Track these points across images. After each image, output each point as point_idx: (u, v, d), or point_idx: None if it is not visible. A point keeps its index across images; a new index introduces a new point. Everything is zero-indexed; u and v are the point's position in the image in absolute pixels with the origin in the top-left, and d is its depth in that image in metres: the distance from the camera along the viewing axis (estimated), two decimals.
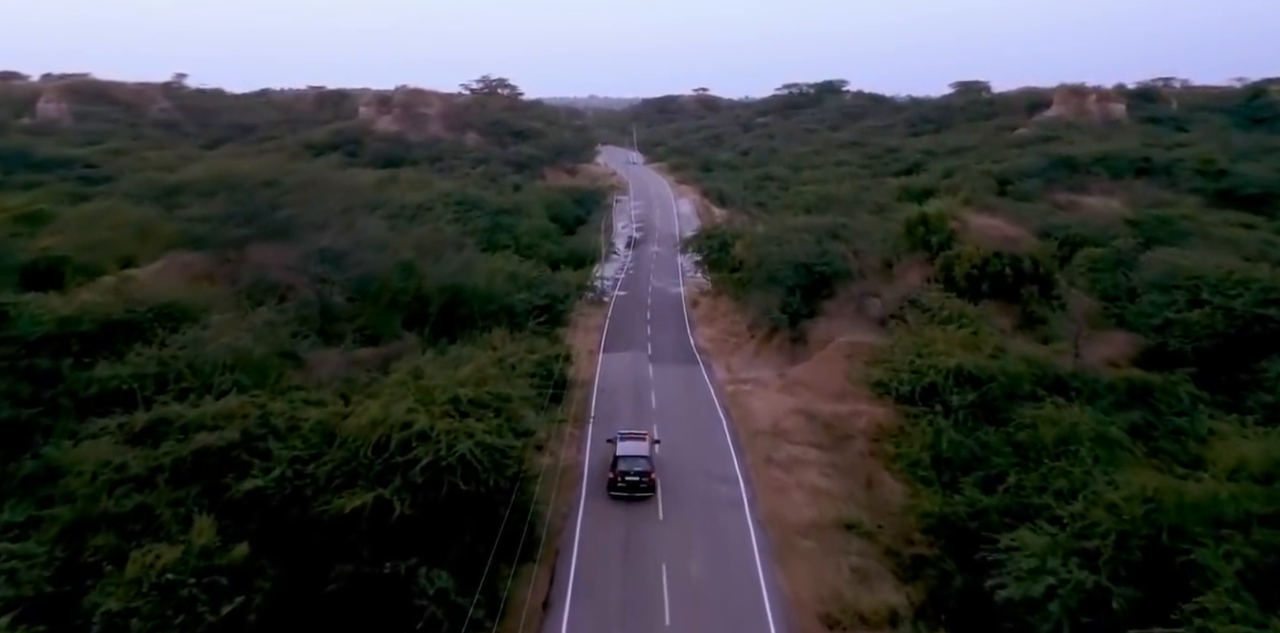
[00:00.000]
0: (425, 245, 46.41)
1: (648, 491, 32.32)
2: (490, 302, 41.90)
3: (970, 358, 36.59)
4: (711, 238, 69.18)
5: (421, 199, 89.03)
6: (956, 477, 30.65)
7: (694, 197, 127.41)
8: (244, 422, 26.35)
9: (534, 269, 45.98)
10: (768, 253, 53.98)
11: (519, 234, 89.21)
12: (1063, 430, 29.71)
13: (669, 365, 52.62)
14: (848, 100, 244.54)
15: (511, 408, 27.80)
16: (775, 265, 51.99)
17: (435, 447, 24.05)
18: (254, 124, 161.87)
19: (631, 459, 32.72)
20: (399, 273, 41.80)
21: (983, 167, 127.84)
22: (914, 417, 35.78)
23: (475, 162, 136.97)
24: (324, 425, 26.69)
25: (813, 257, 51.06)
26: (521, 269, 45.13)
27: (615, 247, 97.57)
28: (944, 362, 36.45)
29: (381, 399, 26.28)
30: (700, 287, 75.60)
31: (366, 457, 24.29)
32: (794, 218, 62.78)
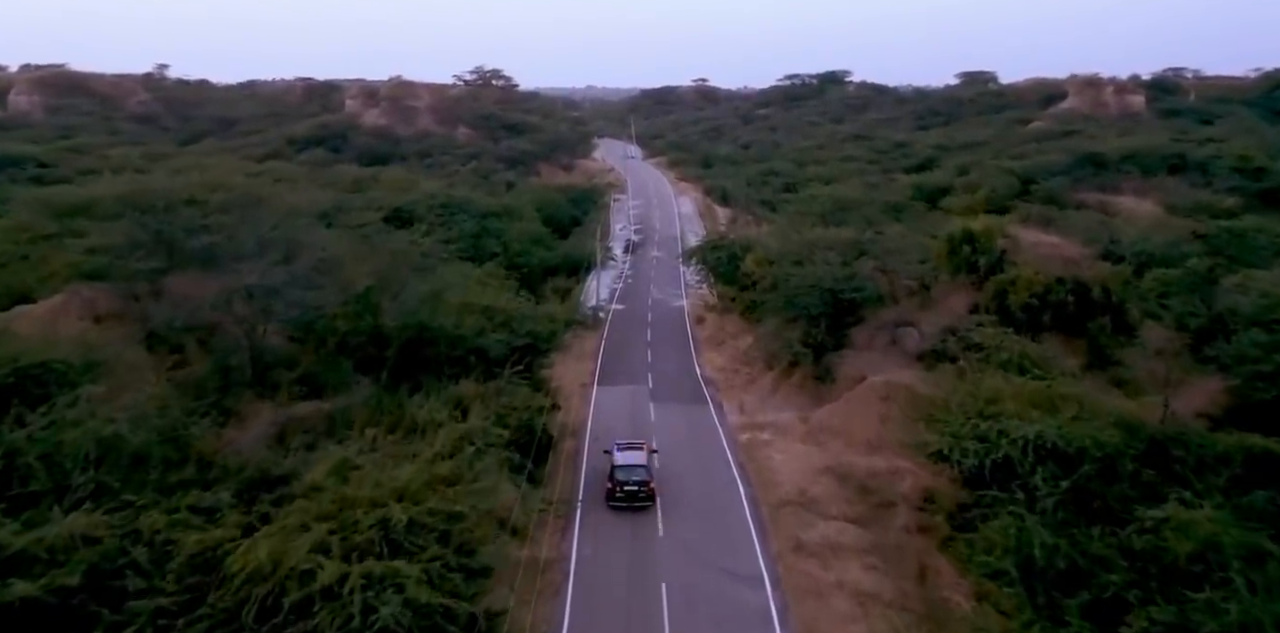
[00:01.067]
0: (388, 270, 38.82)
1: (646, 500, 31.88)
2: (459, 344, 34.30)
3: (1050, 422, 29.02)
4: (718, 249, 61.52)
5: (402, 202, 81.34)
6: (1053, 597, 23.19)
7: (695, 195, 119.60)
8: (94, 552, 18.83)
9: (513, 301, 37.79)
10: (785, 274, 46.30)
11: (508, 240, 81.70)
12: (1198, 543, 22.27)
13: (673, 405, 45.05)
14: (850, 91, 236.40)
15: (464, 531, 20.25)
16: (795, 290, 44.32)
17: (345, 611, 16.55)
18: (236, 118, 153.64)
19: (629, 469, 32.22)
20: (351, 308, 34.25)
21: (999, 162, 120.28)
22: (985, 502, 28.21)
23: (466, 157, 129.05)
24: (208, 556, 19.18)
25: (840, 280, 43.37)
26: (500, 303, 37.07)
27: (613, 251, 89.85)
28: (1017, 428, 28.87)
29: (276, 529, 18.71)
30: (705, 300, 68.02)
31: (251, 626, 16.77)
32: (811, 229, 54.98)
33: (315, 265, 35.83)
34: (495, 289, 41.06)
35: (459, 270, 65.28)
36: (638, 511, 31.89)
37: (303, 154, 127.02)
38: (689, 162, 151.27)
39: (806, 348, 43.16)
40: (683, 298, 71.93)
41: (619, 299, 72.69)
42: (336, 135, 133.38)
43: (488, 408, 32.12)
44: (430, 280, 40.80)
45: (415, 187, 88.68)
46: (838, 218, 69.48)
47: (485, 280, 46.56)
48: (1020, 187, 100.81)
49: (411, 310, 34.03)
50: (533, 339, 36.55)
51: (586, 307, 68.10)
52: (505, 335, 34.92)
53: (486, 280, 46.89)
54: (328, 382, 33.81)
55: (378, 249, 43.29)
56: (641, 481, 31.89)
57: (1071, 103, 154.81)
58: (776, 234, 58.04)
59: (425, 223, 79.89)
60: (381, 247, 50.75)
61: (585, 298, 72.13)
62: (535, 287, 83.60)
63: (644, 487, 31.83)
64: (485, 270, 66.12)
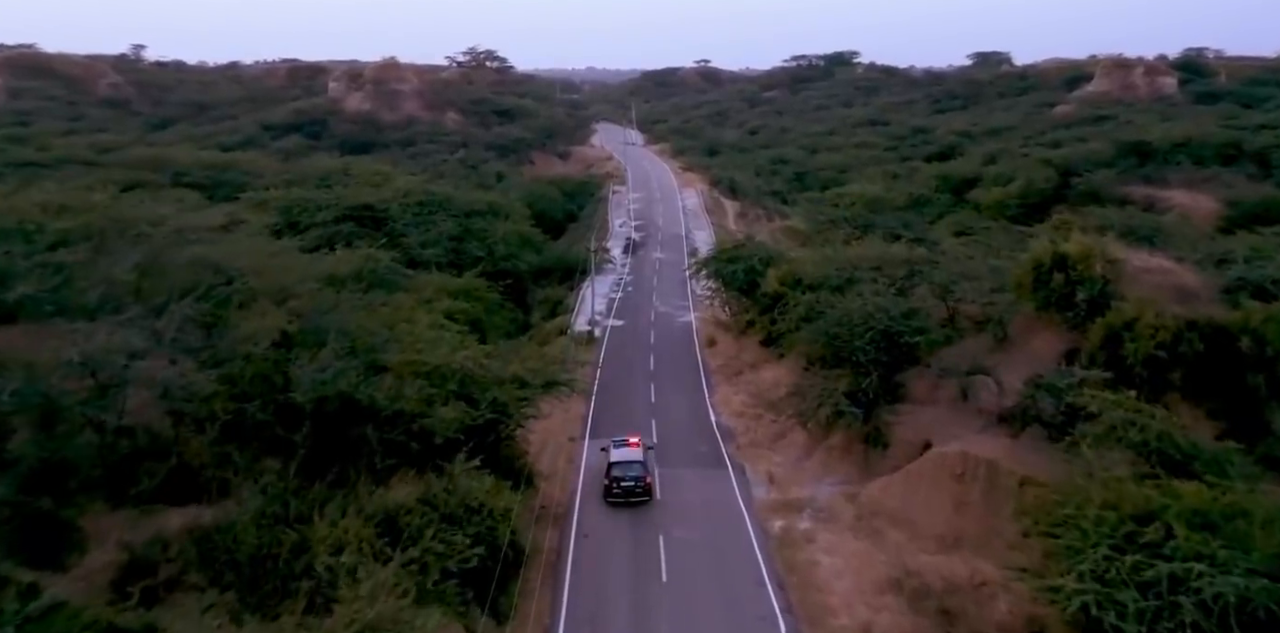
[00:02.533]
0: (320, 308, 29.12)
1: (644, 495, 31.78)
2: (397, 423, 24.64)
3: (1249, 563, 19.42)
4: (734, 261, 51.61)
5: (373, 199, 71.41)
6: None
7: (701, 186, 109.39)
8: None
9: (474, 356, 27.56)
10: (824, 304, 36.54)
11: (494, 242, 71.88)
12: None
13: (684, 471, 35.36)
14: (859, 73, 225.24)
15: None
16: (837, 327, 34.52)
17: None
18: (211, 102, 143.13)
19: (625, 465, 31.98)
20: (245, 379, 24.57)
21: (1027, 150, 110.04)
22: None
23: (454, 146, 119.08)
24: None
25: (897, 319, 33.53)
26: (456, 360, 26.91)
27: (610, 253, 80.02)
28: (1204, 579, 19.20)
29: None
30: (715, 316, 58.35)
31: None
32: (849, 241, 45.14)
33: (203, 315, 26.08)
34: (454, 336, 31.05)
35: (433, 282, 56.01)
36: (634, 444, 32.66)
37: (279, 141, 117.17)
38: (693, 149, 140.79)
39: (856, 409, 33.38)
40: (689, 312, 62.19)
41: (617, 312, 62.96)
42: (315, 121, 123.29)
43: (431, 518, 22.58)
44: (371, 321, 31.01)
45: (389, 181, 78.66)
46: (869, 220, 59.50)
47: (443, 322, 36.52)
48: (1059, 179, 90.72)
49: (329, 379, 24.34)
50: (498, 413, 26.82)
51: (579, 325, 58.50)
52: (458, 412, 25.12)
53: (444, 322, 36.85)
54: (212, 479, 24.25)
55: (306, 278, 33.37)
56: (638, 476, 31.68)
57: (1098, 85, 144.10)
58: (813, 256, 47.81)
59: (399, 224, 70.32)
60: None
61: (579, 311, 62.52)
62: (524, 295, 74.25)
63: (640, 482, 31.64)
64: (462, 283, 56.70)
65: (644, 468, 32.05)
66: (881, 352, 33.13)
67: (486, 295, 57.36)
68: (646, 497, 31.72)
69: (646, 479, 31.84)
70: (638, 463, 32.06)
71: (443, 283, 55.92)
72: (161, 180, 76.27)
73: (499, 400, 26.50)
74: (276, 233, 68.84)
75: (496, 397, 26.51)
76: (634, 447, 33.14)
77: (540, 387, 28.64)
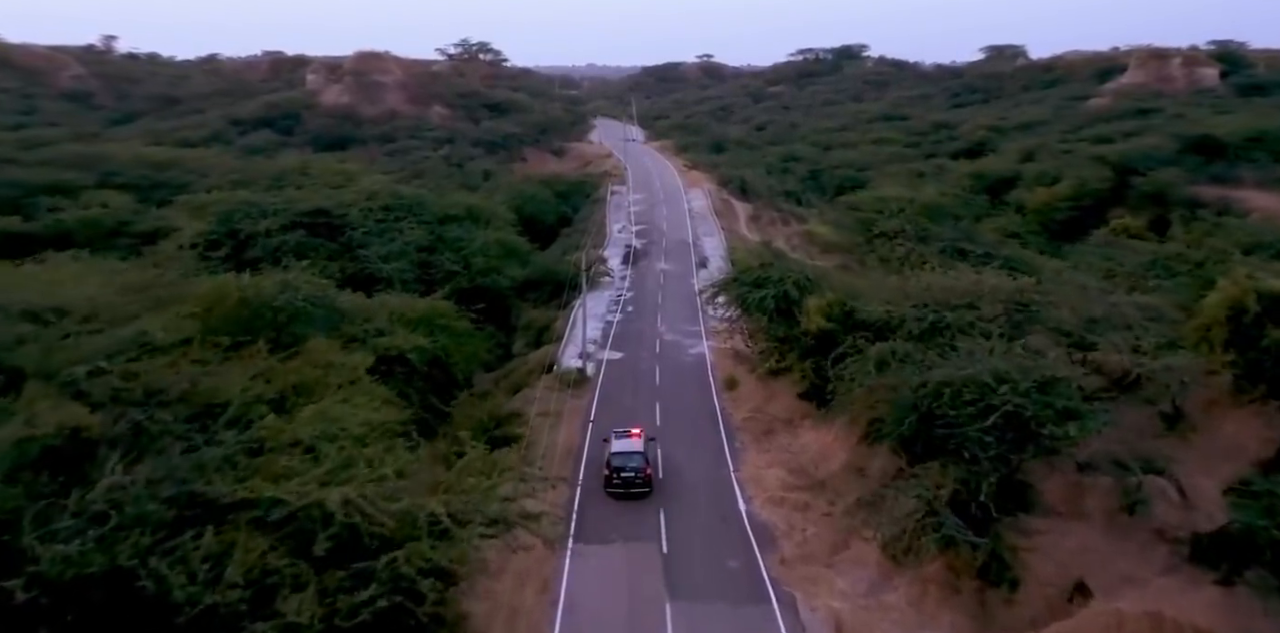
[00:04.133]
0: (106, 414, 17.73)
1: (644, 486, 30.33)
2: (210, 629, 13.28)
3: None
4: (761, 286, 40.01)
5: (331, 204, 59.97)
6: None
7: (708, 186, 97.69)
8: None
9: (362, 492, 16.28)
10: (907, 363, 25.09)
11: (472, 254, 60.43)
12: None
13: (704, 606, 24.00)
14: (869, 67, 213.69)
15: None
16: (936, 402, 23.00)
17: None
18: (181, 96, 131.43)
19: (625, 455, 30.66)
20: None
21: (1069, 147, 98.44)
22: None
23: (438, 142, 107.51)
24: None
25: (1030, 395, 21.92)
26: (330, 498, 15.62)
27: (608, 264, 68.52)
28: None
29: None
30: (734, 347, 46.98)
31: None
32: (914, 265, 33.62)
33: None
34: (356, 440, 19.13)
35: (388, 306, 44.67)
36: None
37: (247, 137, 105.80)
38: (698, 145, 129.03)
39: (964, 524, 21.89)
40: (702, 339, 50.75)
41: (615, 341, 51.43)
42: (288, 116, 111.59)
43: None
44: (226, 391, 19.51)
45: (353, 182, 67.15)
46: (925, 232, 47.76)
47: (365, 388, 25.00)
48: (1115, 178, 79.23)
49: (80, 553, 13.02)
50: (402, 593, 15.21)
51: (567, 359, 47.05)
52: (318, 607, 13.68)
53: (367, 388, 25.32)
54: None
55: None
56: (638, 467, 30.53)
57: (1133, 77, 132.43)
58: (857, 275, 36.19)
59: (358, 233, 58.84)
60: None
61: (568, 338, 51.07)
62: (508, 314, 62.86)
63: (640, 474, 30.46)
64: (424, 308, 45.18)
65: (644, 459, 30.99)
66: (1006, 443, 21.58)
67: (455, 323, 45.76)
68: (647, 488, 30.57)
69: (647, 470, 30.72)
70: (638, 454, 30.90)
71: (402, 308, 44.41)
72: (85, 181, 64.82)
73: (402, 573, 14.88)
74: (212, 243, 58.11)
75: (399, 567, 14.88)
76: (635, 437, 31.90)
77: (481, 530, 16.94)
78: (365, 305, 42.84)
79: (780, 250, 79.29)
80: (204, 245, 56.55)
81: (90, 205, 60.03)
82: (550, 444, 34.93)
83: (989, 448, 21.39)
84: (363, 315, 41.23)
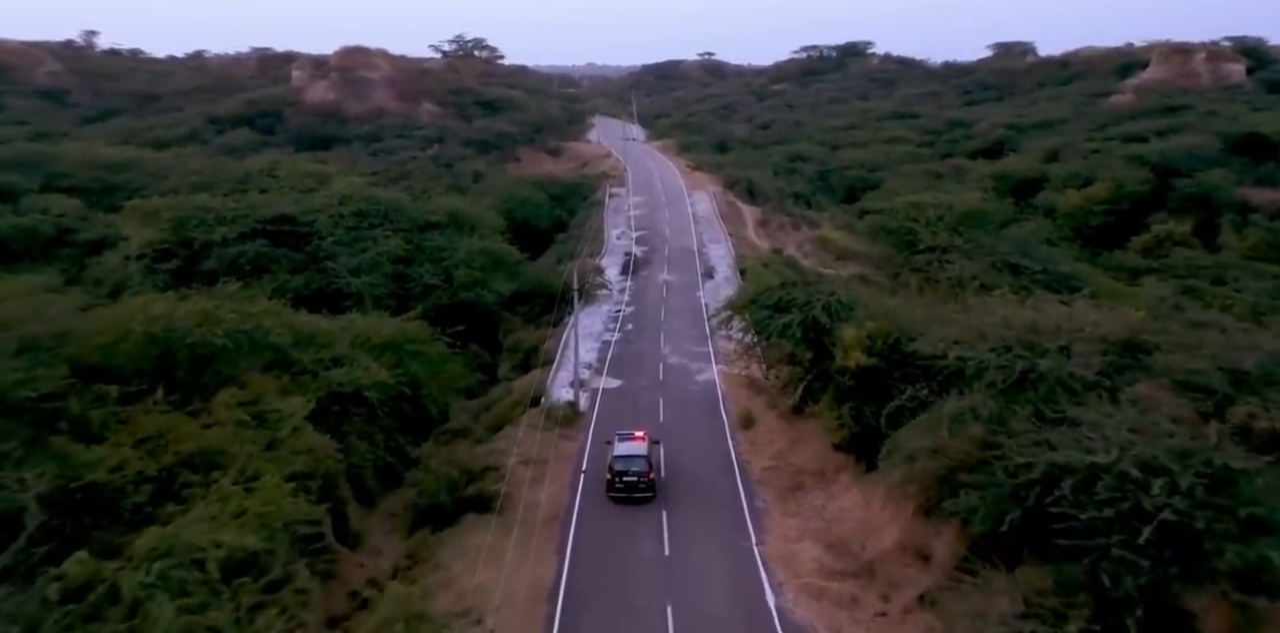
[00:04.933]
0: None
1: (647, 491, 29.02)
2: None
3: None
4: (784, 310, 33.51)
5: (297, 209, 53.61)
6: None
7: (713, 188, 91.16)
8: None
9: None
10: (1007, 439, 18.63)
11: (454, 264, 54.01)
12: None
13: None
14: (874, 64, 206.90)
15: None
16: (1049, 495, 16.53)
17: None
18: (161, 93, 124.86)
19: (628, 459, 29.36)
20: None
21: (1097, 146, 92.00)
22: None
23: (427, 141, 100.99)
24: None
25: (1183, 494, 15.36)
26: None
27: (605, 274, 62.05)
28: None
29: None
30: (749, 376, 40.60)
31: None
32: (985, 297, 27.18)
33: None
34: None
35: (354, 328, 38.30)
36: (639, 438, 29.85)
37: (225, 136, 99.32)
38: (701, 145, 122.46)
39: None
40: (710, 363, 44.38)
41: (612, 365, 45.00)
42: (269, 113, 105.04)
43: None
44: None
45: (326, 184, 60.65)
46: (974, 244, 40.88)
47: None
48: (1154, 179, 72.77)
49: None
50: None
51: (557, 390, 40.62)
52: None
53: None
54: None
55: None
56: (641, 471, 29.15)
57: (1155, 73, 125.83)
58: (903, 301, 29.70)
59: (327, 241, 52.41)
60: None
61: (560, 362, 44.62)
62: (495, 332, 56.43)
63: (644, 478, 29.13)
64: (392, 330, 38.62)
65: (648, 463, 29.83)
66: (1164, 565, 15.10)
67: (429, 349, 39.16)
68: (650, 494, 29.35)
69: (650, 475, 29.56)
70: (641, 458, 29.75)
71: (369, 330, 37.91)
72: (30, 184, 58.32)
73: None
74: (162, 254, 51.69)
75: None
76: (639, 440, 30.80)
77: None
78: (324, 329, 36.33)
79: (794, 259, 73.12)
80: (152, 256, 50.30)
81: (30, 211, 53.64)
82: (531, 507, 28.50)
83: (1140, 573, 14.96)
84: (322, 340, 34.85)
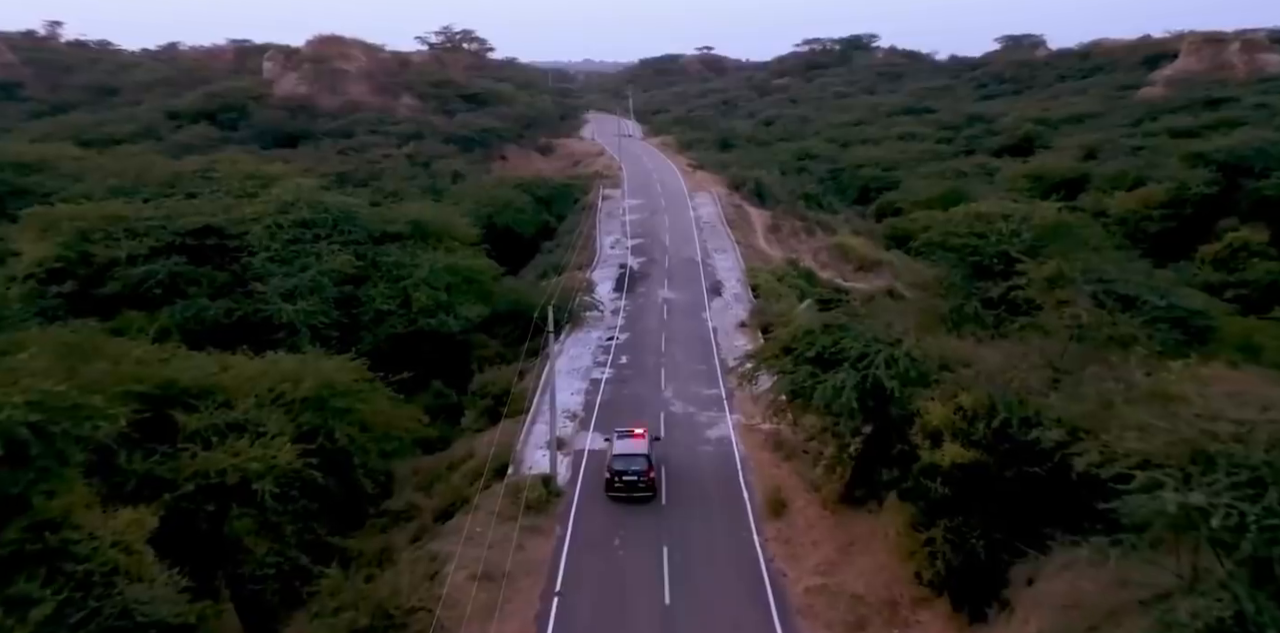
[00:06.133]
0: None
1: (646, 490, 27.79)
2: None
3: None
4: (830, 363, 24.20)
5: (228, 218, 44.37)
6: None
7: (717, 189, 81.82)
8: None
9: None
10: None
11: (414, 284, 44.67)
12: None
13: None
14: (880, 58, 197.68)
15: None
16: None
17: None
18: (121, 86, 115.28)
19: (628, 458, 28.17)
20: None
21: (1136, 141, 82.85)
22: None
23: (403, 137, 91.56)
24: None
25: None
26: None
27: (595, 292, 52.78)
28: None
29: None
30: (776, 433, 31.44)
31: None
32: (1156, 363, 17.94)
33: None
34: None
35: (273, 371, 29.08)
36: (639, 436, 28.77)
37: (183, 132, 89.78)
38: (703, 142, 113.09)
39: None
40: (724, 412, 35.26)
41: (601, 414, 35.75)
42: (231, 107, 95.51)
43: None
44: None
45: (272, 186, 51.21)
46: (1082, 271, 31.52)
47: None
48: (1220, 179, 63.60)
49: None
50: None
51: (529, 456, 31.36)
52: None
53: None
54: None
55: None
56: (640, 471, 27.84)
57: (1185, 64, 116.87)
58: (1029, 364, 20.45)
59: (260, 258, 43.12)
60: None
61: (535, 413, 35.27)
62: (462, 362, 47.24)
63: (643, 477, 27.81)
64: (319, 380, 29.17)
65: (648, 461, 28.14)
66: None
67: (366, 401, 29.81)
68: (650, 493, 27.78)
69: (650, 474, 27.87)
70: (641, 456, 28.17)
71: (289, 376, 28.47)
72: None
73: None
74: (55, 274, 42.31)
75: None
76: (639, 438, 29.21)
77: None
78: (229, 377, 27.05)
79: (811, 271, 64.00)
80: (41, 277, 41.01)
81: None
82: None
83: None
84: (222, 395, 25.73)
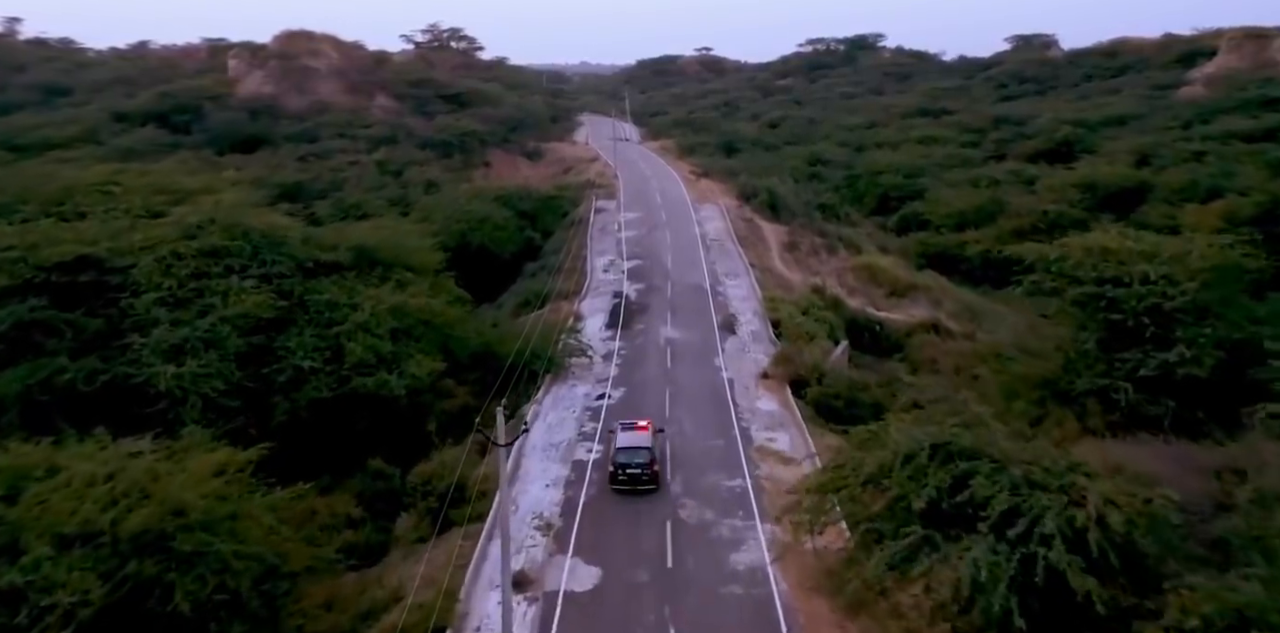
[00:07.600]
0: None
1: (650, 483, 27.35)
2: None
3: None
4: (954, 524, 14.50)
5: (111, 246, 34.44)
6: None
7: (726, 201, 71.83)
8: None
9: None
10: None
11: (349, 330, 34.58)
12: None
13: None
14: (887, 58, 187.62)
15: None
16: None
17: None
18: (73, 86, 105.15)
19: (631, 451, 27.72)
20: None
21: (1195, 145, 73.15)
22: None
23: (375, 142, 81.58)
24: None
25: None
26: None
27: (582, 330, 42.85)
28: None
29: None
30: (817, 542, 21.60)
31: None
32: None
33: None
34: None
35: (137, 476, 19.14)
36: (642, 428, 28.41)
37: (129, 135, 79.77)
38: (706, 146, 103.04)
39: None
40: (755, 523, 25.36)
41: (584, 528, 25.75)
42: (185, 108, 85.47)
43: None
44: None
45: (189, 201, 41.13)
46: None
47: None
48: None
49: None
50: None
51: (480, 604, 21.49)
52: None
53: None
54: None
55: None
56: (644, 463, 27.47)
57: (1226, 61, 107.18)
58: None
59: (146, 299, 33.09)
60: None
61: (490, 528, 25.30)
62: (414, 430, 37.32)
63: (647, 470, 27.42)
64: (173, 495, 19.26)
65: (651, 454, 27.69)
66: None
67: (246, 523, 19.97)
68: (654, 486, 27.32)
69: (654, 466, 27.48)
70: (645, 449, 27.73)
71: (135, 486, 18.45)
72: None
73: None
74: None
75: None
76: (643, 430, 28.81)
77: None
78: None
79: (839, 299, 54.13)
80: None
81: None
82: None
83: None
84: None
